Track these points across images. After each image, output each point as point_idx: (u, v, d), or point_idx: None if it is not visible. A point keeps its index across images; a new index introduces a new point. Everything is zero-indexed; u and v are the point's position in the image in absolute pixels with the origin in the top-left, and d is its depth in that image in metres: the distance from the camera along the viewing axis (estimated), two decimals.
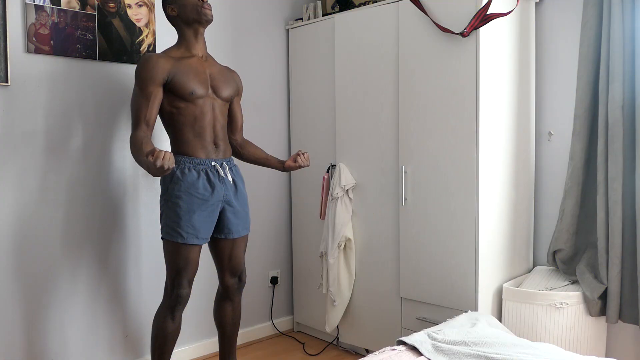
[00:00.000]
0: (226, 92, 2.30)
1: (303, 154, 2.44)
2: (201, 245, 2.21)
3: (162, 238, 2.19)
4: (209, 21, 2.22)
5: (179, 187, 2.14)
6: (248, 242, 2.70)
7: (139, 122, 2.11)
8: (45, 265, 2.35)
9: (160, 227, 2.21)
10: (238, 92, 2.41)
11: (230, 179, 2.25)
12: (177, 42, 2.26)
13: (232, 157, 2.40)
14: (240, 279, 2.40)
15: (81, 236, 2.46)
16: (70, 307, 2.44)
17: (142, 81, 2.11)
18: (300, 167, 2.45)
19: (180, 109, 2.17)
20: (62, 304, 2.42)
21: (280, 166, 2.50)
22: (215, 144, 2.24)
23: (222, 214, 2.25)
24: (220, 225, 2.27)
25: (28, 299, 2.32)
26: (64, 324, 2.42)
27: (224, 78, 2.31)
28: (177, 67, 2.15)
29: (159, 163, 1.80)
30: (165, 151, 1.82)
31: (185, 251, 2.15)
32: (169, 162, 1.82)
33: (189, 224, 2.13)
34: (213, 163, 2.20)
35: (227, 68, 2.40)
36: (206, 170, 2.18)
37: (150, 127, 2.12)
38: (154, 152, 1.82)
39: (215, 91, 2.25)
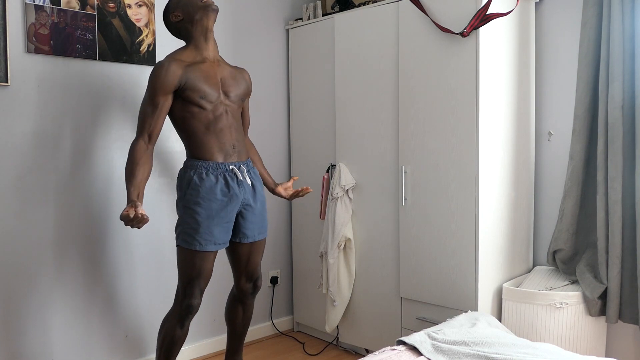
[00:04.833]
0: (238, 95, 2.26)
1: (301, 194, 2.44)
2: (216, 253, 2.17)
3: (177, 245, 2.15)
4: (215, 10, 2.16)
5: (197, 192, 2.10)
6: None
7: (142, 131, 2.10)
8: (43, 265, 2.35)
9: (175, 233, 2.17)
10: (248, 94, 2.37)
11: (249, 182, 2.21)
12: (186, 45, 2.20)
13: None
14: (256, 285, 2.37)
15: (79, 236, 2.46)
16: (70, 307, 2.44)
17: (152, 90, 2.08)
18: (285, 198, 2.50)
19: (193, 114, 2.13)
20: (61, 304, 2.42)
21: (270, 187, 2.50)
22: (232, 147, 2.19)
23: (238, 216, 2.22)
24: (236, 228, 2.24)
25: (27, 299, 2.32)
26: (63, 324, 2.42)
27: (236, 81, 2.26)
28: (188, 72, 2.10)
29: (126, 222, 1.87)
30: (141, 215, 1.86)
31: (200, 259, 2.11)
32: (136, 224, 1.88)
33: (207, 231, 2.10)
34: (231, 167, 2.16)
35: (237, 69, 2.34)
36: (224, 175, 2.14)
37: (153, 140, 2.11)
38: (133, 204, 1.89)
39: (227, 95, 2.21)
